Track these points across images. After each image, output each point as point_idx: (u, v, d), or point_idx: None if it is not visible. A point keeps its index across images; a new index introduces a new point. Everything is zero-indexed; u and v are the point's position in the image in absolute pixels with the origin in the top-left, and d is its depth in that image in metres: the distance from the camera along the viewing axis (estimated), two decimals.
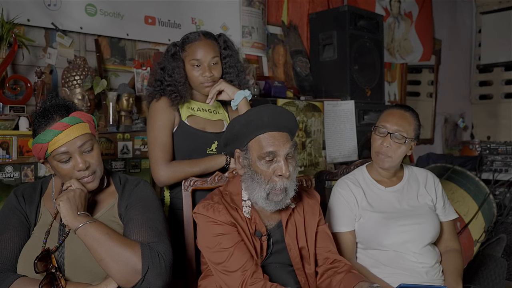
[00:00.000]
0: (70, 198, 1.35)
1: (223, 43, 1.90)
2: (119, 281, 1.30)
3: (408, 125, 1.80)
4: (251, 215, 1.51)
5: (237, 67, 1.92)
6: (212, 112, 1.93)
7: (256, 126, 1.46)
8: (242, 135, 1.49)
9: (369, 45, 3.56)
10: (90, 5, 2.52)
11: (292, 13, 3.65)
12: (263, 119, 1.46)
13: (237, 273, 1.41)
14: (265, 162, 1.45)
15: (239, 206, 1.52)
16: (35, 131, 1.42)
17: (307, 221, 1.61)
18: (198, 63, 1.81)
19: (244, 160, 1.50)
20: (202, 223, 1.49)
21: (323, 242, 1.62)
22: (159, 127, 1.80)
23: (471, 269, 2.69)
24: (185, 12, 2.92)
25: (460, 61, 5.51)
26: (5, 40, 2.14)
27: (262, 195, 1.45)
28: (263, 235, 1.52)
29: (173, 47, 1.87)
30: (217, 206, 1.48)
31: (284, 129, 1.49)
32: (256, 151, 1.46)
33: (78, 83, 2.27)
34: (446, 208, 1.92)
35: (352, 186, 1.85)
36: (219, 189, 1.61)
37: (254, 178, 1.46)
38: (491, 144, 3.93)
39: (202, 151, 1.87)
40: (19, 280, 1.31)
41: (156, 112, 1.82)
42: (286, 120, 1.51)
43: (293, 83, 3.54)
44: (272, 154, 1.44)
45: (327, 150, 3.27)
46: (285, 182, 1.45)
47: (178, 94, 1.82)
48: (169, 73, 1.84)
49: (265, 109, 1.49)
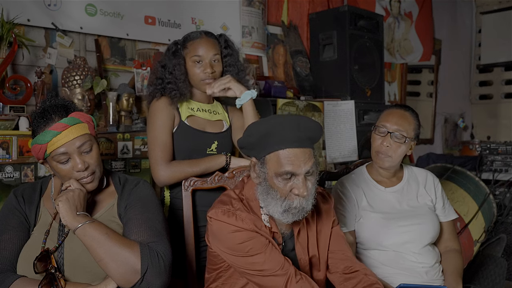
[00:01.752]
0: (69, 198, 1.35)
1: (224, 42, 1.92)
2: (118, 281, 1.29)
3: (408, 124, 1.80)
4: (270, 223, 1.45)
5: (237, 65, 1.94)
6: (212, 113, 1.94)
7: (276, 139, 1.34)
8: (260, 146, 1.37)
9: (369, 45, 3.55)
10: (90, 5, 2.51)
11: (292, 13, 3.65)
12: (285, 133, 1.34)
13: (279, 272, 1.37)
14: (282, 180, 1.34)
15: (258, 213, 1.45)
16: (34, 131, 1.42)
17: (320, 228, 1.54)
18: (200, 59, 1.83)
19: (260, 172, 1.39)
20: (225, 231, 1.40)
21: (338, 245, 1.56)
22: (159, 127, 1.80)
23: (471, 269, 2.68)
24: (185, 12, 2.92)
25: (460, 61, 5.50)
26: (5, 40, 2.14)
27: (279, 210, 1.36)
28: (279, 244, 1.46)
29: (174, 45, 1.89)
30: (239, 214, 1.40)
31: (307, 143, 1.36)
32: (274, 167, 1.35)
33: (78, 83, 2.26)
34: (446, 208, 1.92)
35: (352, 186, 1.85)
36: (235, 193, 1.50)
37: (270, 193, 1.37)
38: (491, 144, 3.92)
39: (202, 151, 1.87)
40: (18, 281, 1.30)
41: (156, 112, 1.82)
42: (310, 133, 1.38)
43: (293, 83, 3.54)
44: (290, 174, 1.34)
45: (327, 150, 3.27)
46: (302, 200, 1.35)
47: (178, 92, 1.82)
48: (169, 70, 1.85)
49: (288, 121, 1.36)
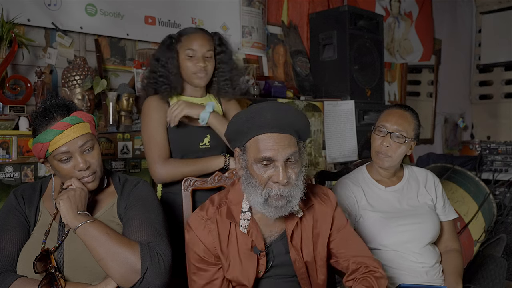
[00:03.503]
0: (71, 197, 1.35)
1: (218, 40, 1.94)
2: (118, 280, 1.30)
3: (408, 124, 1.80)
4: (248, 229, 1.38)
5: (230, 63, 1.96)
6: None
7: (257, 124, 1.30)
8: (242, 133, 1.34)
9: (369, 45, 3.55)
10: (90, 5, 2.51)
11: (292, 13, 3.65)
12: (265, 117, 1.29)
13: None
14: (262, 166, 1.30)
15: (236, 218, 1.39)
16: (35, 130, 1.42)
17: (316, 230, 1.46)
18: (193, 53, 1.85)
19: (242, 160, 1.35)
20: (191, 236, 1.40)
21: (348, 249, 1.49)
22: (154, 125, 1.83)
23: (471, 269, 2.68)
24: (185, 12, 2.92)
25: (460, 61, 5.50)
26: (5, 40, 2.14)
27: (259, 200, 1.31)
28: (261, 252, 1.39)
29: (169, 39, 1.91)
30: (209, 224, 1.38)
31: (289, 130, 1.31)
32: (253, 153, 1.30)
33: (78, 83, 2.26)
34: (446, 208, 1.92)
35: (352, 186, 1.85)
36: (220, 196, 1.46)
37: (250, 182, 1.32)
38: (491, 144, 3.92)
39: (195, 146, 1.89)
40: (18, 281, 1.30)
41: (149, 111, 1.85)
42: (292, 120, 1.33)
43: (293, 83, 3.54)
44: (268, 160, 1.28)
45: (327, 150, 3.27)
46: (282, 189, 1.29)
47: (169, 86, 1.85)
48: (162, 63, 1.87)
49: (268, 106, 1.32)
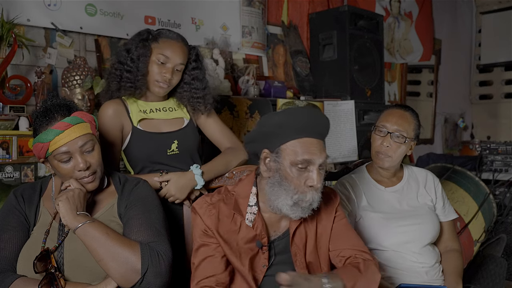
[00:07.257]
0: (69, 198, 1.35)
1: (195, 55, 1.86)
2: (118, 281, 1.30)
3: (408, 124, 1.80)
4: (253, 223, 1.41)
5: (204, 81, 1.88)
6: (168, 110, 1.87)
7: (294, 128, 1.33)
8: (274, 136, 1.35)
9: (369, 45, 3.55)
10: (90, 5, 2.51)
11: (292, 13, 3.65)
12: (302, 122, 1.34)
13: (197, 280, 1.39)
14: (297, 170, 1.33)
15: (242, 211, 1.42)
16: (36, 130, 1.42)
17: (320, 230, 1.49)
18: (165, 60, 1.75)
19: (273, 163, 1.37)
20: (195, 217, 1.44)
21: (341, 242, 1.49)
22: (107, 142, 1.74)
23: (471, 269, 2.68)
24: (185, 12, 2.92)
25: (460, 61, 5.50)
26: (5, 40, 2.14)
27: (288, 203, 1.34)
28: (263, 246, 1.41)
29: (147, 33, 1.79)
30: (210, 209, 1.42)
31: (321, 137, 1.39)
32: (290, 156, 1.33)
33: (78, 83, 2.26)
34: (446, 208, 1.92)
35: (351, 186, 1.85)
36: (227, 188, 1.49)
37: (282, 185, 1.34)
38: (491, 144, 3.92)
39: (162, 153, 1.81)
40: (18, 280, 1.31)
41: (103, 123, 1.75)
42: (323, 127, 1.40)
43: (293, 83, 3.54)
44: (306, 162, 1.33)
45: (327, 150, 3.27)
46: (314, 194, 1.34)
47: (134, 86, 1.76)
48: (132, 57, 1.76)
49: (305, 111, 1.38)
